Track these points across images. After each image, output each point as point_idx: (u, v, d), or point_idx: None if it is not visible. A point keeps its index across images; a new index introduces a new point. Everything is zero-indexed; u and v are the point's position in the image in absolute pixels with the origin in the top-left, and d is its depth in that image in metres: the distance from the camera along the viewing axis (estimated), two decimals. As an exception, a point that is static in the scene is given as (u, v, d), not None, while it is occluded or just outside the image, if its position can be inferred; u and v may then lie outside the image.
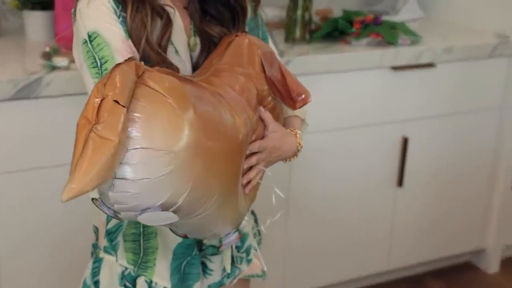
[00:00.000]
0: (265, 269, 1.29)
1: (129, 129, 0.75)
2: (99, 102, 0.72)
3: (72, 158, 0.73)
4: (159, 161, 0.77)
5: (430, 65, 2.07)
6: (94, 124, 0.71)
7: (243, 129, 0.93)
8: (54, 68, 1.63)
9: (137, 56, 1.01)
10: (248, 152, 0.98)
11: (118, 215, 0.83)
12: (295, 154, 1.13)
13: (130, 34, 1.01)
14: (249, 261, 1.25)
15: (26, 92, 1.57)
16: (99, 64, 0.99)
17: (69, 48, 1.72)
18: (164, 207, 0.81)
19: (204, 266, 1.20)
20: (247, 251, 1.24)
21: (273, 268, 1.72)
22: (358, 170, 2.08)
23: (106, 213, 0.84)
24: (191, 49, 1.10)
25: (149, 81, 0.79)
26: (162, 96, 0.79)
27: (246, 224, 1.24)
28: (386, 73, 2.02)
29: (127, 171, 0.76)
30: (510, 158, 2.33)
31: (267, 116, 1.05)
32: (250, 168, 1.03)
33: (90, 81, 1.00)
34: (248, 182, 1.04)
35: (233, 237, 1.11)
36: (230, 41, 1.06)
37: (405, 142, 2.11)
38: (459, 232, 2.36)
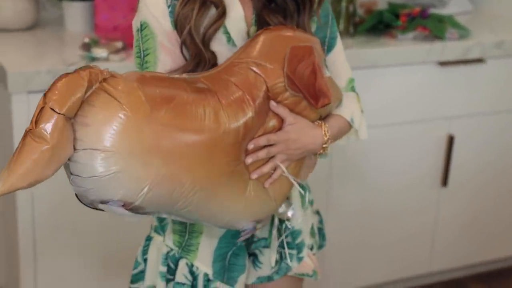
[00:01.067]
0: (316, 269, 1.27)
1: (79, 131, 0.84)
2: (43, 101, 0.81)
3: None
4: (106, 161, 0.85)
5: (479, 60, 2.01)
6: (31, 129, 0.80)
7: (230, 124, 0.97)
8: (93, 59, 1.61)
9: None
10: (252, 146, 1.02)
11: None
12: (322, 147, 1.11)
13: (175, 23, 1.05)
14: (299, 258, 1.24)
15: (65, 83, 1.55)
16: (142, 55, 1.07)
17: (109, 39, 1.70)
18: (124, 203, 0.89)
19: (255, 257, 1.21)
20: (299, 249, 1.24)
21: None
22: (401, 168, 2.04)
23: (86, 205, 0.91)
24: (250, 38, 1.10)
25: (107, 86, 0.86)
26: (115, 101, 0.85)
27: (301, 221, 1.23)
28: (433, 69, 1.96)
29: (78, 169, 0.85)
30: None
31: (281, 110, 1.04)
32: (268, 161, 1.05)
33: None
34: (270, 176, 1.05)
35: (249, 226, 1.11)
36: (259, 34, 1.06)
37: (450, 140, 2.06)
38: (504, 235, 2.30)
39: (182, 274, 1.18)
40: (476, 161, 2.14)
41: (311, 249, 1.28)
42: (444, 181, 2.09)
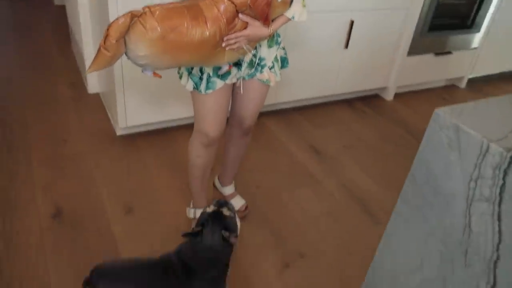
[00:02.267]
0: (269, 79, 1.37)
1: (126, 41, 1.02)
2: (105, 35, 1.00)
3: None
4: (140, 59, 1.06)
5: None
6: (102, 45, 1.01)
7: (211, 33, 1.06)
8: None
9: None
10: (225, 38, 1.12)
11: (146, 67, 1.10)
12: (270, 35, 1.20)
13: None
14: (261, 72, 1.34)
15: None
16: None
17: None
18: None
19: (239, 65, 1.30)
20: (262, 67, 1.34)
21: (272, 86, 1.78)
22: (322, 37, 2.28)
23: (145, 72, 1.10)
24: None
25: (141, 21, 1.02)
26: (142, 27, 1.02)
27: (266, 53, 1.32)
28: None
29: (129, 57, 1.07)
30: (408, 37, 2.56)
31: (244, 18, 1.12)
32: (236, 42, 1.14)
33: None
34: (237, 47, 1.15)
35: (225, 67, 1.25)
36: None
37: (352, 23, 2.31)
38: (374, 76, 2.62)
39: (195, 70, 1.28)
40: (363, 35, 2.39)
41: (271, 68, 1.35)
42: (346, 45, 2.36)
